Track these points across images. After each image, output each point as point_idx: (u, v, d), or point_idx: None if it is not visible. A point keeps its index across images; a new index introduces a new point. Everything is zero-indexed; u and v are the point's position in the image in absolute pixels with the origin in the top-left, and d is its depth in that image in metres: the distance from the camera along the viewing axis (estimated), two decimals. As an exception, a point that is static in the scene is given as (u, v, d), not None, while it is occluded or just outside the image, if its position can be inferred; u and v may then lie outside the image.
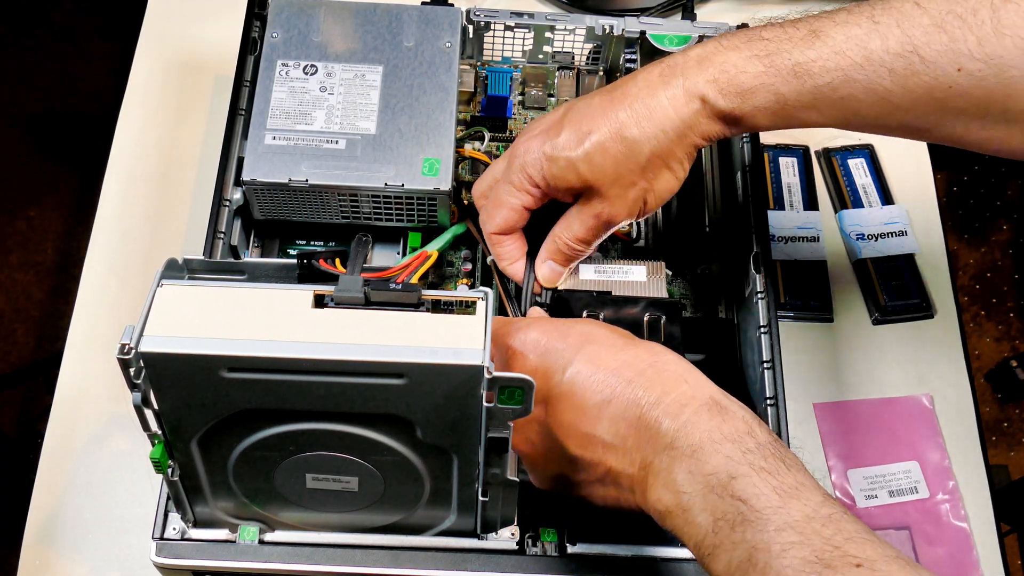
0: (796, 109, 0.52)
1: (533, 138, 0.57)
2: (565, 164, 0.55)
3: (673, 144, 0.54)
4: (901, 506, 0.70)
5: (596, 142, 0.54)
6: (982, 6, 0.47)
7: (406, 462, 0.51)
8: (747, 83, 0.52)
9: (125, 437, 0.70)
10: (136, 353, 0.45)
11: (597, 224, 0.58)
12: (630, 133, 0.53)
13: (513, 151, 0.58)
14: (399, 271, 0.56)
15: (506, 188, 0.58)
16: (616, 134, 0.54)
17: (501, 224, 0.59)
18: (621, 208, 0.57)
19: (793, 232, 0.80)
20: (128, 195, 0.79)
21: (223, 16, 0.85)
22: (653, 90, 0.53)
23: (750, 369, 0.65)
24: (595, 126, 0.54)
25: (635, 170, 0.54)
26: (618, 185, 0.55)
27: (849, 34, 0.50)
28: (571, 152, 0.55)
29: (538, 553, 0.56)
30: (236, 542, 0.55)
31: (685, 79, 0.53)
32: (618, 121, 0.53)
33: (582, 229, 0.58)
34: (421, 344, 0.46)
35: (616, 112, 0.54)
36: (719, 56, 0.53)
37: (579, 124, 0.55)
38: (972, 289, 1.63)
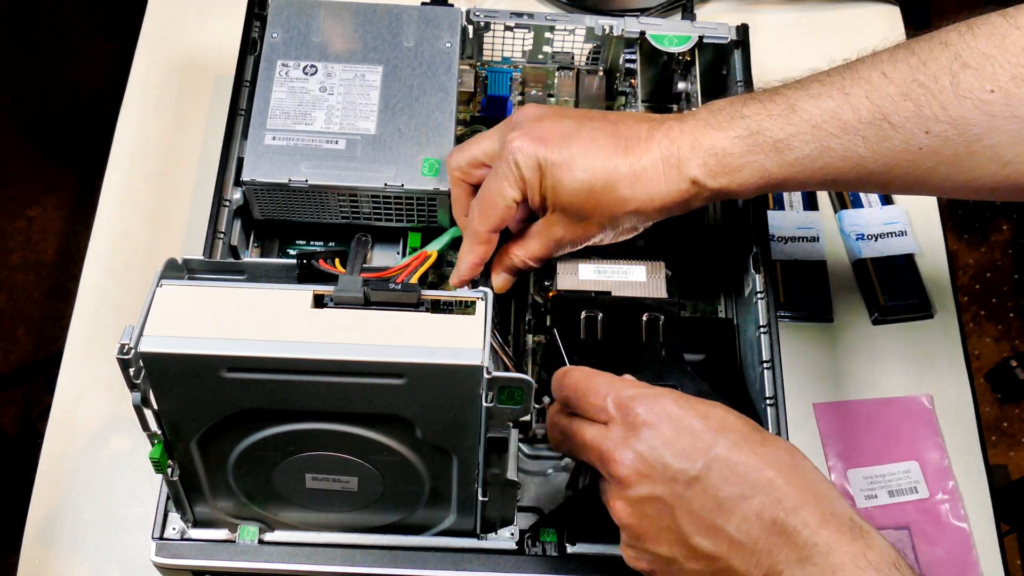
0: (781, 180, 0.56)
1: (530, 140, 0.57)
2: (553, 184, 0.57)
3: (654, 211, 0.57)
4: (901, 506, 0.70)
5: (588, 183, 0.56)
6: (942, 73, 0.51)
7: (406, 462, 0.51)
8: (733, 163, 0.55)
9: (125, 437, 0.70)
10: (136, 353, 0.45)
11: (555, 246, 0.60)
12: (622, 191, 0.56)
13: (507, 144, 0.57)
14: (399, 271, 0.56)
15: (500, 184, 0.58)
16: (609, 185, 0.56)
17: (497, 221, 0.59)
18: (581, 238, 0.59)
19: (793, 232, 0.80)
20: (128, 195, 0.79)
21: (223, 16, 0.85)
22: (653, 159, 0.56)
23: (750, 369, 0.65)
24: (593, 167, 0.56)
25: (608, 216, 0.57)
26: (587, 221, 0.58)
27: (823, 107, 0.54)
28: (563, 179, 0.56)
29: (538, 553, 0.56)
30: (236, 542, 0.55)
31: (680, 160, 0.56)
32: (616, 174, 0.56)
33: (540, 249, 0.60)
34: (421, 344, 0.46)
35: (617, 163, 0.56)
36: (708, 139, 0.56)
37: (579, 158, 0.56)
38: (972, 289, 1.63)
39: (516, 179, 0.57)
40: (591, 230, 0.59)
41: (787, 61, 0.87)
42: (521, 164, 0.57)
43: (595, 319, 0.63)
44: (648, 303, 0.64)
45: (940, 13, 1.76)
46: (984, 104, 0.50)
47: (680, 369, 0.61)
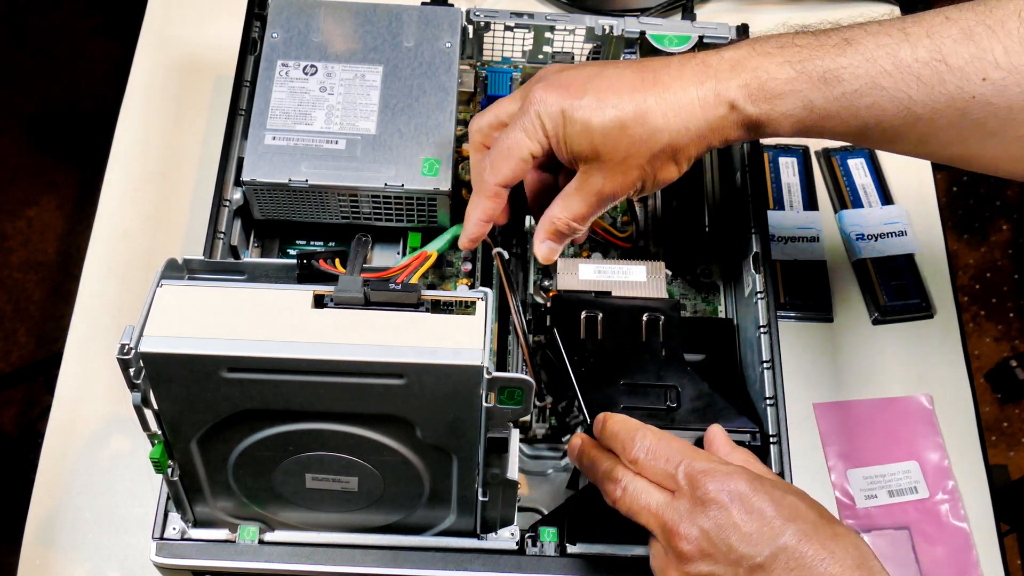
0: (821, 117, 0.53)
1: (553, 89, 0.54)
2: (581, 129, 0.54)
3: (691, 141, 0.54)
4: (901, 506, 0.70)
5: (617, 118, 0.53)
6: (1010, 17, 0.49)
7: (406, 462, 0.51)
8: (777, 88, 0.52)
9: (125, 437, 0.70)
10: (136, 353, 0.45)
11: (598, 201, 0.57)
12: (654, 121, 0.53)
13: (528, 96, 0.55)
14: (399, 271, 0.56)
15: (517, 135, 0.55)
16: (640, 117, 0.53)
17: (509, 175, 0.57)
18: (622, 186, 0.56)
19: (793, 232, 0.80)
20: (128, 195, 0.79)
21: (223, 16, 0.85)
22: (685, 85, 0.53)
23: (750, 369, 0.65)
24: (621, 102, 0.53)
25: (646, 154, 0.54)
26: (625, 164, 0.55)
27: (880, 42, 0.51)
28: (591, 119, 0.53)
29: (538, 553, 0.56)
30: (236, 542, 0.55)
31: (718, 82, 0.53)
32: (645, 105, 0.53)
33: (583, 206, 0.57)
34: (421, 344, 0.46)
35: (645, 95, 0.53)
36: (752, 61, 0.53)
37: (605, 94, 0.53)
38: (972, 289, 1.63)
39: (537, 130, 0.55)
40: (631, 174, 0.55)
41: (787, 61, 0.88)
42: (543, 114, 0.54)
43: (595, 319, 0.63)
44: (648, 303, 0.64)
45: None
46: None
47: (680, 369, 0.61)
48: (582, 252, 0.73)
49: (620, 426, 0.52)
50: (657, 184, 0.56)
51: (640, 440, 0.51)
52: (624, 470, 0.51)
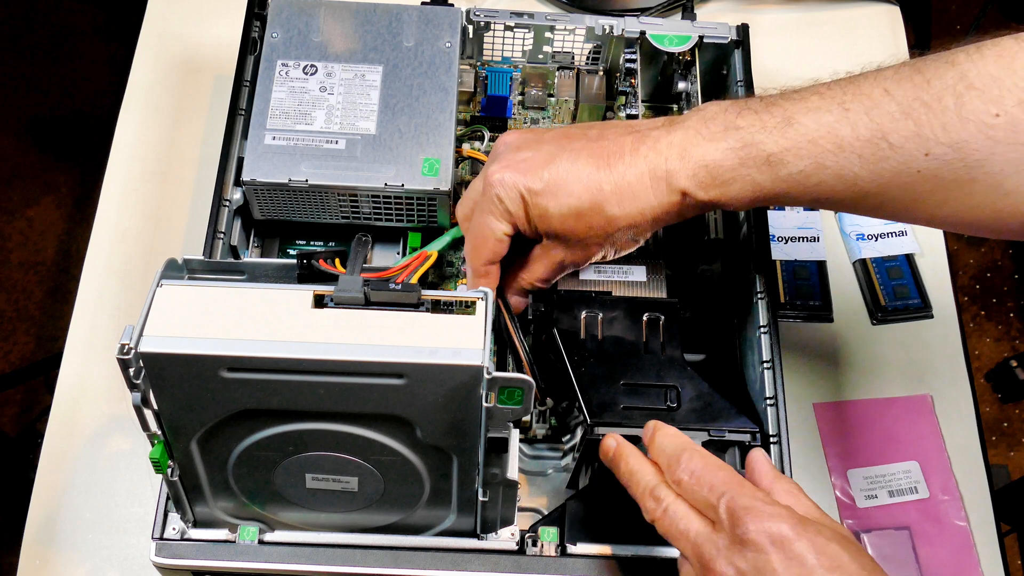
0: (771, 195, 0.54)
1: (510, 170, 0.56)
2: (540, 214, 0.56)
3: (647, 223, 0.56)
4: (901, 506, 0.70)
5: (574, 208, 0.55)
6: (946, 93, 0.49)
7: (406, 462, 0.51)
8: (725, 176, 0.53)
9: (125, 437, 0.70)
10: (136, 353, 0.45)
11: (559, 269, 0.60)
12: (610, 209, 0.55)
13: (488, 178, 0.57)
14: (399, 271, 0.56)
15: (486, 219, 0.57)
16: (596, 206, 0.55)
17: (490, 256, 0.59)
18: (582, 259, 0.59)
19: (793, 232, 0.80)
20: (128, 195, 0.79)
21: (223, 16, 0.85)
22: (639, 173, 0.54)
23: (750, 369, 0.65)
24: (577, 191, 0.55)
25: (604, 236, 0.56)
26: (584, 243, 0.57)
27: (820, 121, 0.52)
28: (548, 207, 0.55)
29: (538, 553, 0.56)
30: (236, 542, 0.55)
31: (668, 170, 0.54)
32: (601, 195, 0.55)
33: (545, 272, 0.60)
34: (421, 344, 0.46)
35: (600, 184, 0.55)
36: (698, 148, 0.54)
37: (561, 183, 0.55)
38: (972, 289, 1.63)
39: (502, 212, 0.56)
40: (590, 250, 0.58)
41: (787, 61, 0.88)
42: (504, 198, 0.56)
43: (595, 319, 0.63)
44: (648, 303, 0.64)
45: (940, 13, 1.76)
46: (988, 128, 0.48)
47: (680, 369, 0.61)
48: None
49: (669, 441, 0.52)
50: (619, 253, 0.59)
51: (686, 462, 0.50)
52: (667, 490, 0.50)
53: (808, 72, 0.89)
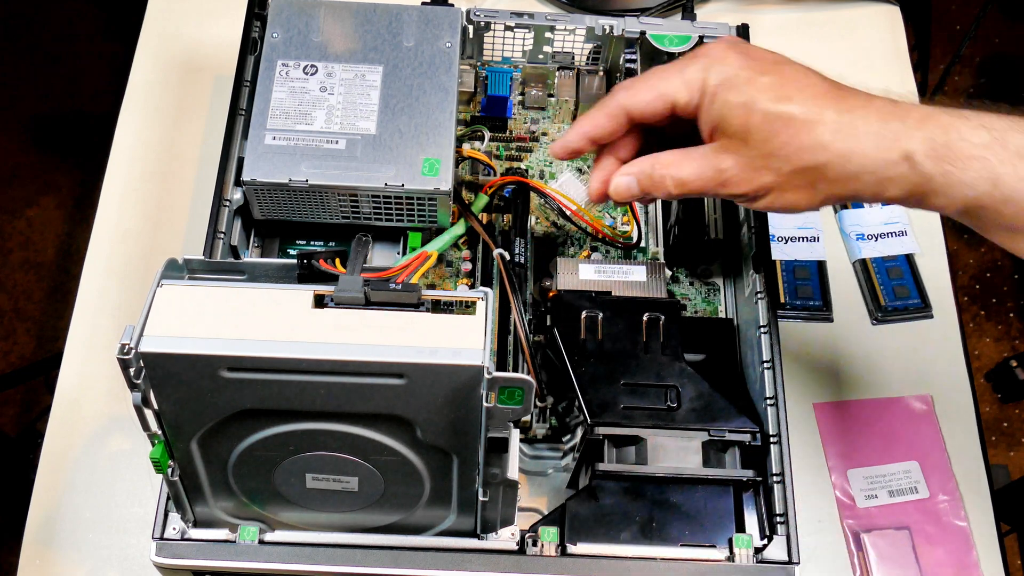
0: (1006, 195, 0.46)
1: (735, 54, 0.50)
2: (744, 101, 0.49)
3: (843, 177, 0.48)
4: (901, 506, 0.70)
5: (787, 111, 0.48)
6: None
7: (406, 462, 0.51)
8: (965, 150, 0.46)
9: (125, 437, 0.70)
10: (136, 353, 0.45)
11: (714, 180, 0.51)
12: (821, 134, 0.48)
13: (706, 48, 0.51)
14: (399, 271, 0.56)
15: (672, 75, 0.51)
16: (809, 122, 0.48)
17: (642, 104, 0.51)
18: (744, 183, 0.50)
19: (793, 232, 0.80)
20: (128, 195, 0.79)
21: (223, 16, 0.85)
22: (868, 115, 0.48)
23: (750, 369, 0.65)
24: (800, 97, 0.49)
25: (793, 163, 0.49)
26: (764, 160, 0.49)
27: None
28: (759, 97, 0.49)
29: (538, 553, 0.56)
30: (236, 542, 0.55)
31: (903, 126, 0.47)
32: (820, 114, 0.48)
33: (695, 176, 0.51)
34: (421, 344, 0.46)
35: (824, 105, 0.48)
36: (943, 117, 0.47)
37: (788, 82, 0.49)
38: (972, 289, 1.63)
39: (696, 81, 0.50)
40: (762, 176, 0.49)
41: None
42: (712, 69, 0.50)
43: (595, 319, 0.63)
44: (648, 303, 0.64)
45: (940, 13, 1.76)
46: None
47: (680, 369, 0.61)
48: (582, 252, 0.73)
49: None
50: (772, 203, 0.51)
51: None
52: None
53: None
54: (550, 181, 0.76)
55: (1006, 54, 1.79)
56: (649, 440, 0.59)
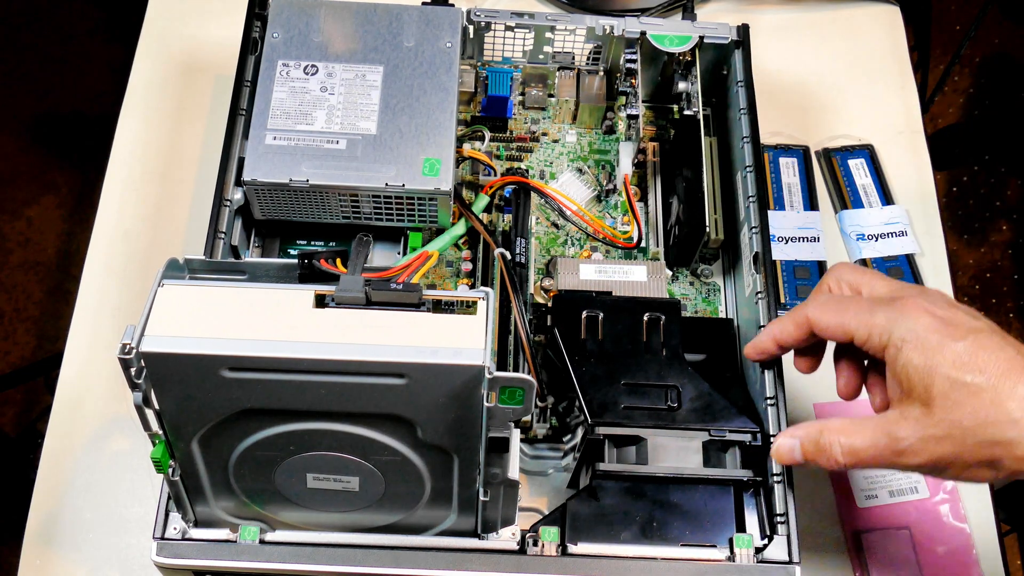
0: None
1: (929, 316, 0.48)
2: (927, 366, 0.47)
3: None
4: (901, 506, 0.70)
5: (975, 383, 0.46)
6: None
7: (407, 462, 0.51)
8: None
9: (125, 437, 0.70)
10: (137, 353, 0.45)
11: (888, 451, 0.48)
12: (1011, 410, 0.45)
13: (905, 300, 0.49)
14: (400, 271, 0.56)
15: (857, 315, 0.50)
16: (999, 398, 0.45)
17: (826, 323, 0.52)
18: (921, 455, 0.47)
19: (793, 232, 0.80)
20: (128, 195, 0.79)
21: (223, 16, 0.85)
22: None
23: (750, 369, 0.65)
24: (991, 372, 0.46)
25: (973, 438, 0.46)
26: (946, 434, 0.47)
27: None
28: (946, 364, 0.47)
29: (539, 553, 0.56)
30: (237, 542, 0.55)
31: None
32: (1013, 390, 0.45)
33: (868, 445, 0.49)
34: (422, 344, 0.46)
35: (1019, 383, 0.45)
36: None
37: (978, 353, 0.46)
38: (972, 289, 1.63)
39: (879, 331, 0.49)
40: (942, 447, 0.47)
41: (787, 61, 0.88)
42: (902, 326, 0.48)
43: (596, 319, 0.63)
44: (649, 303, 0.64)
45: (940, 13, 1.76)
46: None
47: (681, 369, 0.61)
48: (583, 252, 0.73)
49: None
50: (957, 478, 0.48)
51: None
52: None
53: (808, 72, 0.89)
54: (550, 181, 0.76)
55: (1006, 54, 1.79)
56: (649, 440, 0.59)
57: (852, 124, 0.86)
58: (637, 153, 0.77)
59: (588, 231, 0.74)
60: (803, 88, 0.87)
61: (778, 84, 0.87)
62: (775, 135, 0.84)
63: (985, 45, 1.78)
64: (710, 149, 0.75)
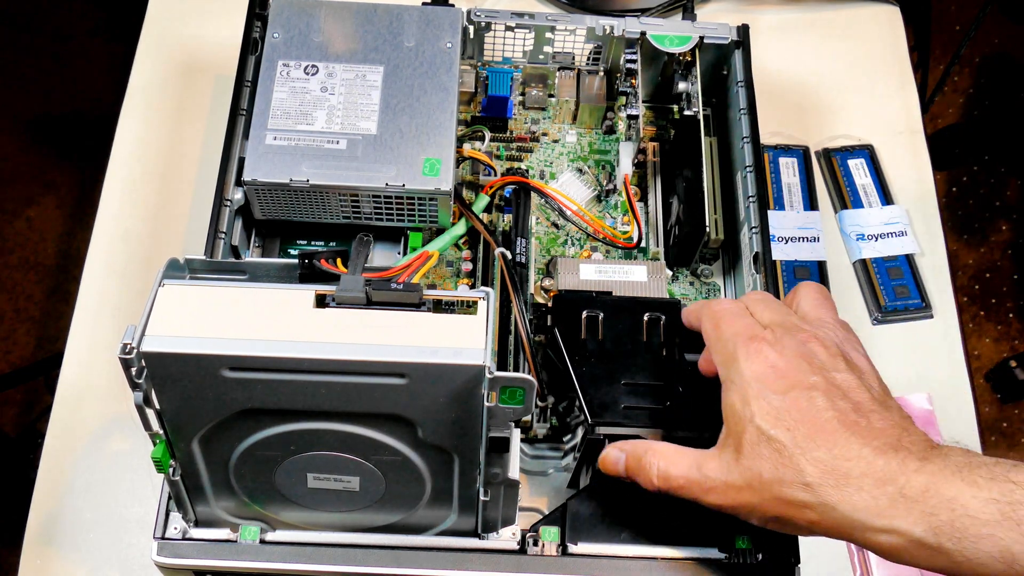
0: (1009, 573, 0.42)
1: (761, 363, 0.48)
2: (741, 413, 0.48)
3: (828, 524, 0.46)
4: (901, 506, 0.70)
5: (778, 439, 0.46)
6: None
7: (407, 462, 0.51)
8: (972, 530, 0.42)
9: (125, 437, 0.70)
10: (138, 353, 0.45)
11: (694, 484, 0.50)
12: (806, 473, 0.45)
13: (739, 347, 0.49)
14: (400, 271, 0.56)
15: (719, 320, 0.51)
16: (796, 459, 0.46)
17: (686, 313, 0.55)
18: (725, 498, 0.49)
19: (793, 232, 0.80)
20: (129, 195, 0.79)
21: (224, 16, 0.85)
22: (862, 479, 0.45)
23: (750, 369, 0.65)
24: (797, 430, 0.46)
25: (770, 493, 0.47)
26: (745, 485, 0.48)
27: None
28: (758, 416, 0.47)
29: (539, 553, 0.56)
30: (237, 542, 0.55)
31: (901, 498, 0.44)
32: (813, 453, 0.46)
33: (679, 473, 0.50)
34: (422, 344, 0.46)
35: (820, 447, 0.45)
36: (949, 489, 0.43)
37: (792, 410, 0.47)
38: (971, 289, 1.63)
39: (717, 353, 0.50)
40: (743, 495, 0.48)
41: (787, 61, 0.88)
42: (734, 363, 0.49)
43: (596, 319, 0.63)
44: (649, 303, 0.64)
45: (940, 13, 1.76)
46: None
47: (681, 369, 0.61)
48: (583, 252, 0.73)
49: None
50: (764, 526, 0.49)
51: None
52: None
53: (808, 72, 0.89)
54: (550, 181, 0.76)
55: (1006, 54, 1.79)
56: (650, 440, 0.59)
57: (852, 124, 0.86)
58: (637, 153, 0.77)
59: (588, 231, 0.74)
60: (803, 88, 0.87)
61: (778, 84, 0.87)
62: (775, 135, 0.84)
63: (985, 45, 1.78)
64: (710, 149, 0.76)
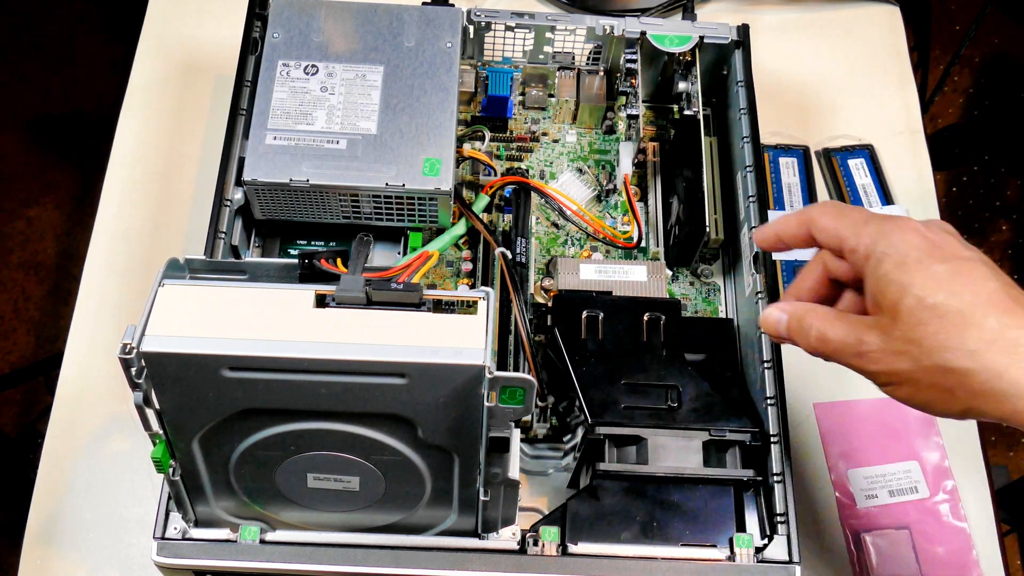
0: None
1: (918, 236, 0.47)
2: (901, 281, 0.46)
3: (987, 394, 0.44)
4: (901, 506, 0.70)
5: (943, 305, 0.45)
6: None
7: (407, 462, 0.51)
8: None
9: (125, 437, 0.70)
10: (138, 353, 0.45)
11: (849, 349, 0.49)
12: (972, 340, 0.44)
13: (897, 219, 0.49)
14: (400, 271, 0.56)
15: (854, 220, 0.50)
16: (963, 325, 0.45)
17: (819, 226, 0.52)
18: (879, 364, 0.48)
19: (793, 232, 0.79)
20: (129, 195, 0.79)
21: (224, 16, 0.85)
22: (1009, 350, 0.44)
23: (750, 369, 0.65)
24: (964, 298, 0.45)
25: (930, 360, 0.45)
26: (903, 351, 0.46)
27: None
28: (919, 283, 0.46)
29: (539, 553, 0.56)
30: (237, 542, 0.55)
31: None
32: (981, 320, 0.44)
33: (837, 336, 0.50)
34: (423, 344, 0.46)
35: (989, 315, 0.44)
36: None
37: (956, 278, 0.46)
38: (972, 289, 1.63)
39: (866, 242, 0.49)
40: (899, 362, 0.46)
41: (787, 61, 0.88)
42: (885, 238, 0.48)
43: (596, 319, 0.63)
44: (649, 302, 0.64)
45: (940, 13, 1.76)
46: None
47: (681, 369, 0.61)
48: (583, 252, 0.73)
49: None
50: (909, 397, 0.48)
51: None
52: None
53: (808, 72, 0.89)
54: (550, 181, 0.76)
55: (1006, 54, 1.79)
56: (650, 440, 0.59)
57: (852, 124, 0.86)
58: (637, 153, 0.77)
59: (588, 231, 0.74)
60: (803, 88, 0.87)
61: (778, 84, 0.87)
62: (775, 135, 0.84)
63: (985, 45, 1.78)
64: (710, 149, 0.76)
